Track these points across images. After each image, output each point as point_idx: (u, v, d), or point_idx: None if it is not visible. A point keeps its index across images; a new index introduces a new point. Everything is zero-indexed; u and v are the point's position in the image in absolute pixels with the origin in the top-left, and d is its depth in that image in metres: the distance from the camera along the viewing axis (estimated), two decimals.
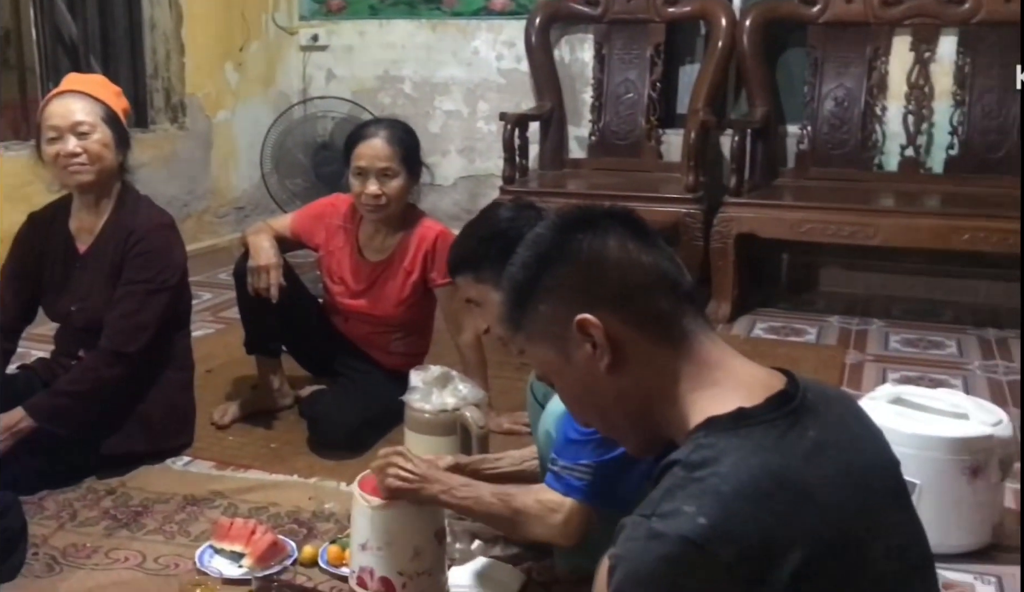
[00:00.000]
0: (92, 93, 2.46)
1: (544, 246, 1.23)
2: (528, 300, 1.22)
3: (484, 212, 2.06)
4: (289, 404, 2.95)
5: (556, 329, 1.19)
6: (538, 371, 1.29)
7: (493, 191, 4.35)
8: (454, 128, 4.86)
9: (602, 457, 1.65)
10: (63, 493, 2.36)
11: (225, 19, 4.70)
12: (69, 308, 2.53)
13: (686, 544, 0.97)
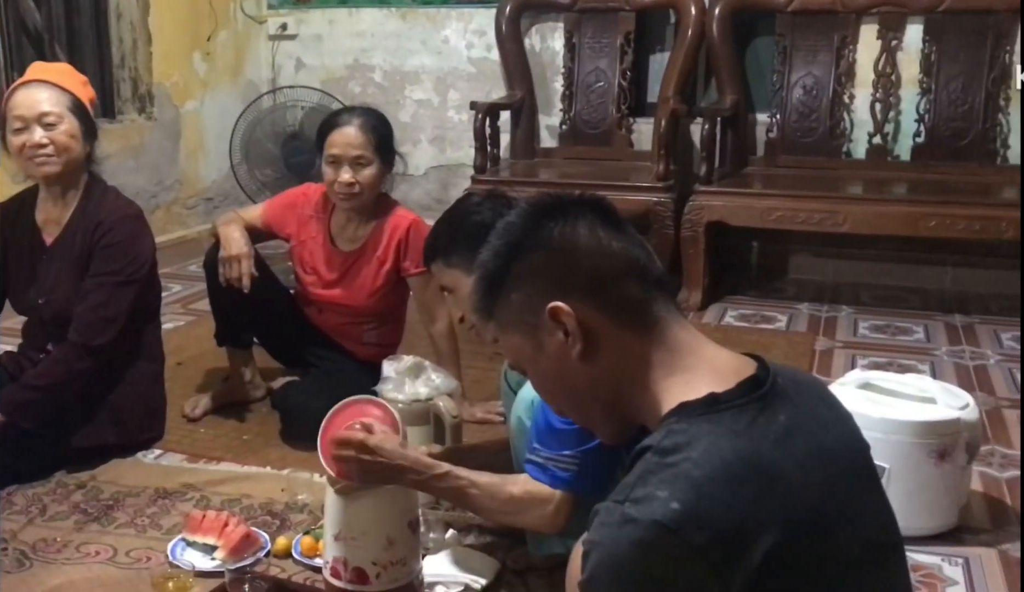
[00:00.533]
0: (58, 82, 2.43)
1: (515, 234, 1.23)
2: (499, 289, 1.22)
3: (456, 202, 2.10)
4: (261, 396, 2.93)
5: (528, 317, 1.20)
6: (511, 360, 1.29)
7: (464, 180, 4.34)
8: (425, 117, 4.85)
9: (586, 446, 1.65)
10: (32, 488, 2.34)
11: (192, 8, 4.66)
12: (36, 301, 2.50)
13: (659, 529, 0.97)
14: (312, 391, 2.70)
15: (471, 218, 1.96)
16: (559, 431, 1.68)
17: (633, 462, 1.08)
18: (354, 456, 1.71)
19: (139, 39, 4.43)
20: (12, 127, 2.37)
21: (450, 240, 1.98)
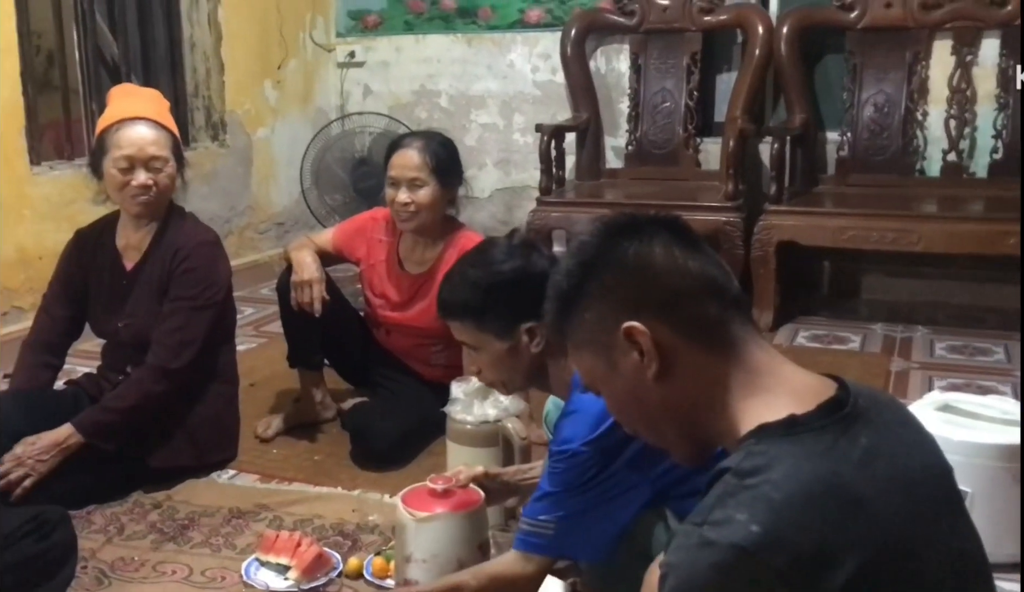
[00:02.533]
0: (160, 120, 2.50)
1: (589, 253, 1.22)
2: (573, 308, 1.22)
3: (480, 255, 1.88)
4: (331, 417, 2.96)
5: (602, 337, 1.19)
6: (584, 380, 1.28)
7: (529, 202, 4.35)
8: (490, 141, 4.88)
9: (563, 512, 1.63)
10: (110, 507, 2.39)
11: (263, 37, 4.76)
12: (117, 324, 2.56)
13: (738, 552, 0.96)
14: (381, 412, 2.73)
15: (504, 279, 1.78)
16: (542, 497, 1.65)
17: (711, 484, 1.07)
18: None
19: (212, 68, 4.53)
20: (117, 164, 2.43)
21: (482, 304, 1.77)
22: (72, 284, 2.63)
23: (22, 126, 3.51)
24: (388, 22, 5.00)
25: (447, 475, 1.92)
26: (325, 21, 5.11)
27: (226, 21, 4.50)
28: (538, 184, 4.14)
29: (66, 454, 2.33)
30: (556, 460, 1.64)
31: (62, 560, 2.02)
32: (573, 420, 1.63)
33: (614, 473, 1.60)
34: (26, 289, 3.51)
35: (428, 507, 1.84)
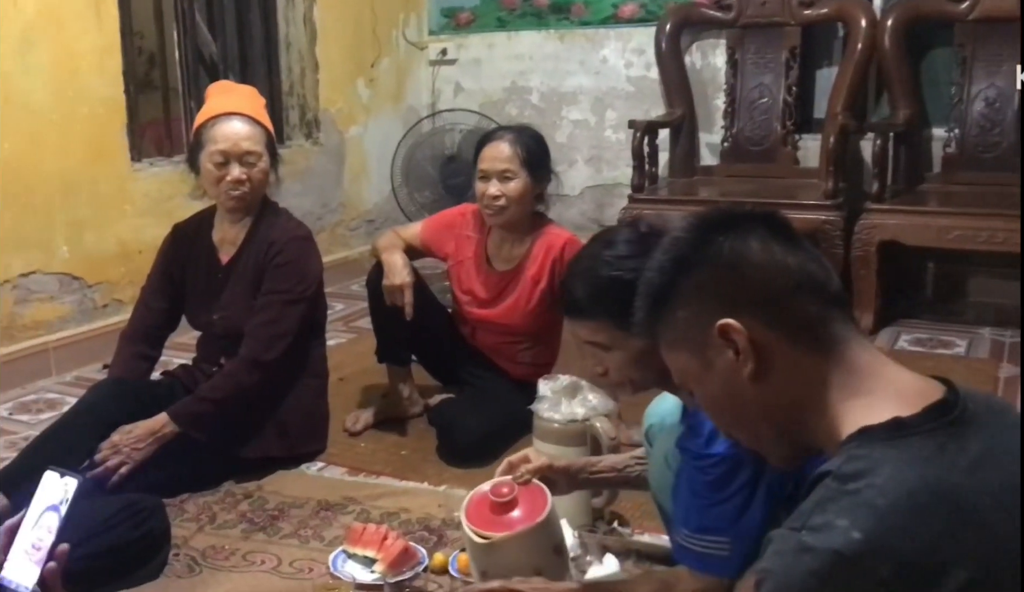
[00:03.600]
0: (254, 116, 2.54)
1: (682, 248, 1.19)
2: (665, 305, 1.19)
3: (608, 248, 1.68)
4: (418, 412, 2.97)
5: (695, 335, 1.15)
6: (676, 379, 1.24)
7: (621, 200, 4.30)
8: (581, 137, 4.83)
9: (738, 529, 1.51)
10: (203, 496, 2.43)
11: (357, 36, 4.81)
12: (211, 317, 2.61)
13: (839, 559, 0.92)
14: (468, 409, 2.72)
15: (622, 268, 1.63)
16: (706, 513, 1.55)
17: (810, 488, 1.02)
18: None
19: (307, 67, 4.60)
20: (213, 159, 2.48)
21: (621, 300, 1.60)
22: (169, 277, 2.68)
23: (124, 124, 3.61)
24: (481, 19, 5.01)
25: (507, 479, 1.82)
26: (418, 19, 5.14)
27: (321, 20, 4.56)
28: (630, 181, 4.08)
29: (161, 443, 2.37)
30: (703, 466, 1.54)
31: (156, 547, 2.07)
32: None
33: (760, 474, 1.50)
34: (126, 282, 3.61)
35: (493, 525, 1.75)
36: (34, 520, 1.22)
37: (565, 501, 2.12)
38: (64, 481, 1.23)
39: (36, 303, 3.37)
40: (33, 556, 1.20)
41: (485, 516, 1.77)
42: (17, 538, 1.22)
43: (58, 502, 1.22)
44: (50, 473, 1.25)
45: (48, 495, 1.23)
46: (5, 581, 1.20)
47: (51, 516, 1.22)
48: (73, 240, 3.47)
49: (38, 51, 3.26)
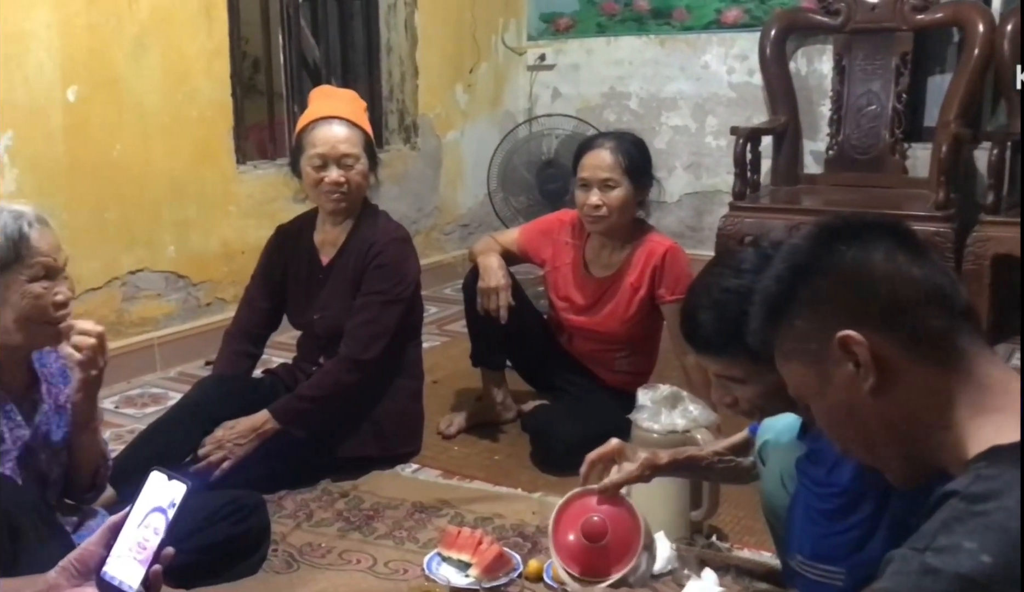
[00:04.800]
0: (353, 119, 2.57)
1: (801, 257, 1.15)
2: (782, 314, 1.15)
3: (736, 276, 1.58)
4: (512, 418, 2.96)
5: (814, 346, 1.11)
6: (792, 391, 1.19)
7: (720, 208, 4.23)
8: (680, 144, 4.77)
9: (855, 560, 1.43)
10: (300, 493, 2.46)
11: (457, 41, 4.83)
12: (312, 317, 2.65)
13: (966, 583, 0.88)
14: (562, 416, 2.69)
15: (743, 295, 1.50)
16: (823, 541, 1.48)
17: (933, 508, 0.98)
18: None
19: (407, 72, 4.64)
20: (312, 163, 2.52)
21: (732, 330, 1.50)
22: (272, 277, 2.73)
23: (230, 127, 3.69)
24: (580, 24, 4.98)
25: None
26: (517, 24, 5.15)
27: (422, 26, 4.59)
28: (731, 189, 4.00)
29: (262, 439, 2.41)
30: (823, 494, 1.47)
31: (256, 543, 2.10)
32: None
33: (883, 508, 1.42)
34: (229, 281, 3.69)
35: (582, 554, 1.71)
36: (139, 519, 1.22)
37: (662, 513, 2.08)
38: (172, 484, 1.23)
39: (143, 300, 3.47)
40: (138, 555, 1.20)
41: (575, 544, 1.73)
42: (121, 535, 1.22)
43: (166, 505, 1.21)
44: (156, 474, 1.24)
45: (154, 496, 1.22)
46: (108, 577, 1.20)
47: (157, 517, 1.21)
48: (179, 239, 3.56)
49: (151, 55, 3.36)
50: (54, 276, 1.70)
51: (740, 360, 1.54)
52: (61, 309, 1.71)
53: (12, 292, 1.66)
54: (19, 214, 1.67)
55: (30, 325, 1.68)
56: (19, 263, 1.65)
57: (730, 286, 1.57)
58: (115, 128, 3.28)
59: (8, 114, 2.97)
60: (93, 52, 3.18)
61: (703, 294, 1.62)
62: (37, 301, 1.67)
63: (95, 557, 1.22)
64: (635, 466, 1.79)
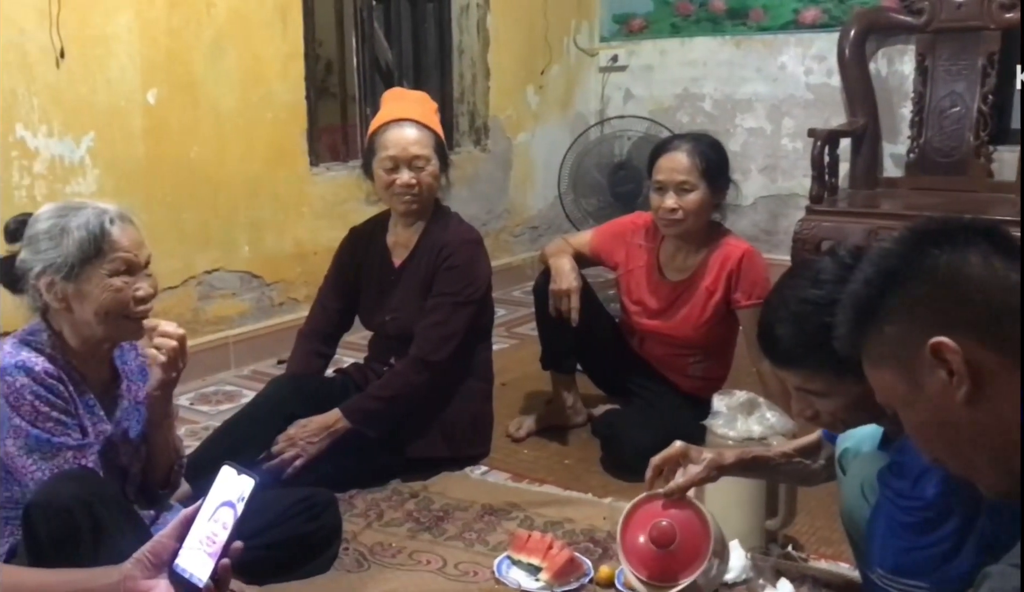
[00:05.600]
0: (424, 121, 2.58)
1: (892, 262, 1.11)
2: (872, 320, 1.12)
3: (817, 288, 1.52)
4: (582, 422, 2.93)
5: (904, 353, 1.08)
6: (880, 398, 1.15)
7: (796, 211, 4.15)
8: (756, 146, 4.69)
9: (939, 576, 1.38)
10: (371, 493, 2.47)
11: (529, 43, 4.83)
12: (383, 318, 2.66)
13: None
14: (634, 421, 2.66)
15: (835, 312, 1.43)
16: (905, 555, 1.42)
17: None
18: None
19: (478, 74, 4.65)
20: (383, 165, 2.54)
21: (812, 344, 1.47)
22: (345, 278, 2.75)
23: (304, 129, 3.73)
24: (654, 25, 4.94)
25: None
26: (590, 26, 5.12)
27: (494, 28, 4.60)
28: (807, 192, 3.92)
29: (334, 438, 2.43)
30: (907, 507, 1.43)
31: (328, 540, 2.11)
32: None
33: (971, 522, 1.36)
34: (301, 282, 3.74)
35: (652, 560, 1.70)
36: (210, 513, 1.23)
37: (737, 521, 2.04)
38: (241, 479, 1.23)
39: (218, 299, 3.53)
40: (207, 548, 1.21)
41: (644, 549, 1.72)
42: (193, 528, 1.23)
43: (235, 499, 1.22)
44: (227, 468, 1.25)
45: (224, 490, 1.24)
46: (179, 569, 1.22)
47: (227, 512, 1.22)
48: (254, 240, 3.61)
49: (227, 58, 3.41)
50: (135, 272, 1.73)
51: (821, 373, 1.51)
52: (141, 304, 1.74)
53: (93, 285, 1.70)
54: (102, 211, 1.72)
55: (110, 318, 1.72)
56: (100, 257, 1.69)
57: (808, 297, 1.52)
58: (192, 130, 3.34)
59: (90, 116, 3.04)
60: (172, 55, 3.24)
61: (780, 307, 1.57)
62: (117, 295, 1.71)
63: (168, 549, 1.24)
64: (701, 467, 1.77)
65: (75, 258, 1.68)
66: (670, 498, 1.73)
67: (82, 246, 1.68)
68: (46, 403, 1.68)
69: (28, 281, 1.72)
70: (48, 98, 2.92)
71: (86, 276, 1.69)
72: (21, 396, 1.66)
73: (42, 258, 1.70)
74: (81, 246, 1.68)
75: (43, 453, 1.67)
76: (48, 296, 1.71)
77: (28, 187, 2.90)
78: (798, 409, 1.62)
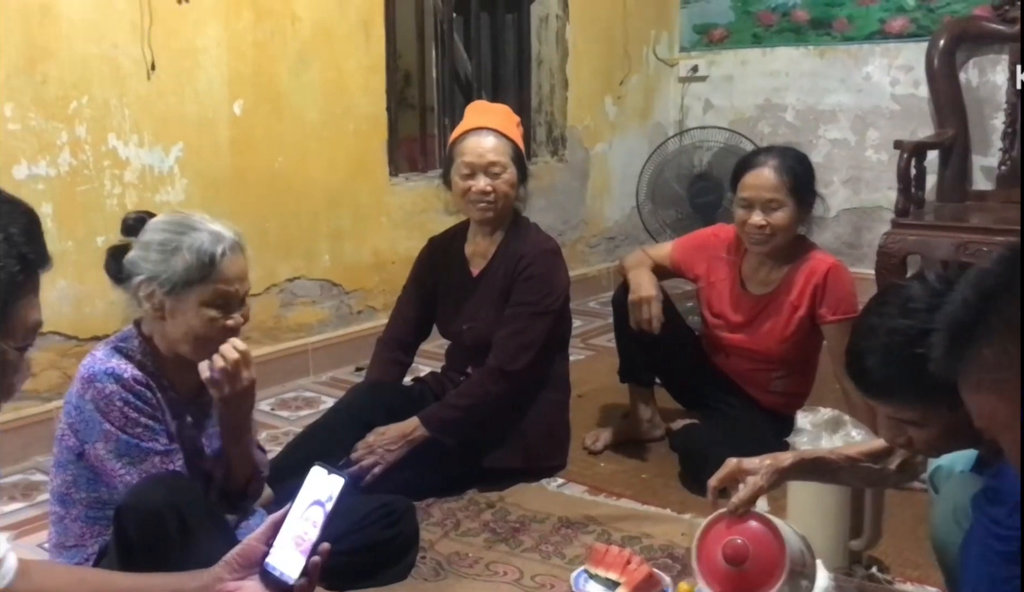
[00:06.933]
0: (503, 130, 2.58)
1: (991, 281, 1.07)
2: (969, 342, 1.07)
3: (911, 316, 1.46)
4: (659, 436, 2.90)
5: (1005, 376, 1.04)
6: (979, 423, 1.11)
7: (880, 224, 4.06)
8: (839, 158, 4.60)
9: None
10: (447, 502, 2.47)
11: (608, 53, 4.81)
12: (461, 327, 2.67)
13: None
14: (714, 437, 2.60)
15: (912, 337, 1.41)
16: (1000, 587, 1.32)
17: None
18: None
19: (556, 85, 4.65)
20: (460, 172, 2.55)
21: (905, 376, 1.43)
22: (423, 287, 2.76)
23: (384, 140, 3.78)
24: (735, 35, 4.89)
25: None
26: (669, 36, 5.09)
27: (573, 38, 4.59)
28: (893, 205, 3.82)
29: (411, 446, 2.44)
30: (1003, 535, 1.34)
31: (405, 548, 2.12)
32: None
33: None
34: (379, 291, 3.78)
35: (729, 583, 1.65)
36: (300, 512, 1.26)
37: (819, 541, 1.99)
38: (331, 479, 1.26)
39: (299, 307, 3.58)
40: (298, 546, 1.24)
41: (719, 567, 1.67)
42: (283, 528, 1.26)
43: (324, 499, 1.25)
44: (317, 469, 1.28)
45: (314, 490, 1.26)
46: (270, 567, 1.25)
47: (316, 511, 1.25)
48: (334, 249, 3.66)
49: (311, 70, 3.47)
50: (231, 307, 1.77)
51: (913, 404, 1.46)
52: (230, 333, 1.77)
53: (188, 308, 1.73)
54: (218, 238, 1.74)
55: (198, 342, 1.76)
56: (202, 284, 1.73)
57: (898, 327, 1.46)
58: (277, 141, 3.40)
59: (179, 126, 3.12)
60: (258, 68, 3.31)
61: (870, 336, 1.51)
62: (210, 324, 1.74)
63: (257, 552, 1.26)
64: (759, 476, 1.72)
65: (179, 278, 1.71)
66: (736, 514, 1.69)
67: (189, 270, 1.71)
68: (135, 409, 1.72)
69: (131, 281, 1.75)
70: (139, 109, 3.01)
71: (184, 297, 1.73)
72: (111, 402, 1.70)
73: (149, 267, 1.73)
74: (188, 269, 1.71)
75: (131, 457, 1.71)
76: (146, 303, 1.75)
77: (119, 196, 2.98)
78: (890, 436, 1.57)
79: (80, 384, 1.73)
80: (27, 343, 0.98)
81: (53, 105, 2.80)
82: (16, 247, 0.94)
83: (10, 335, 0.95)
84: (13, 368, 0.98)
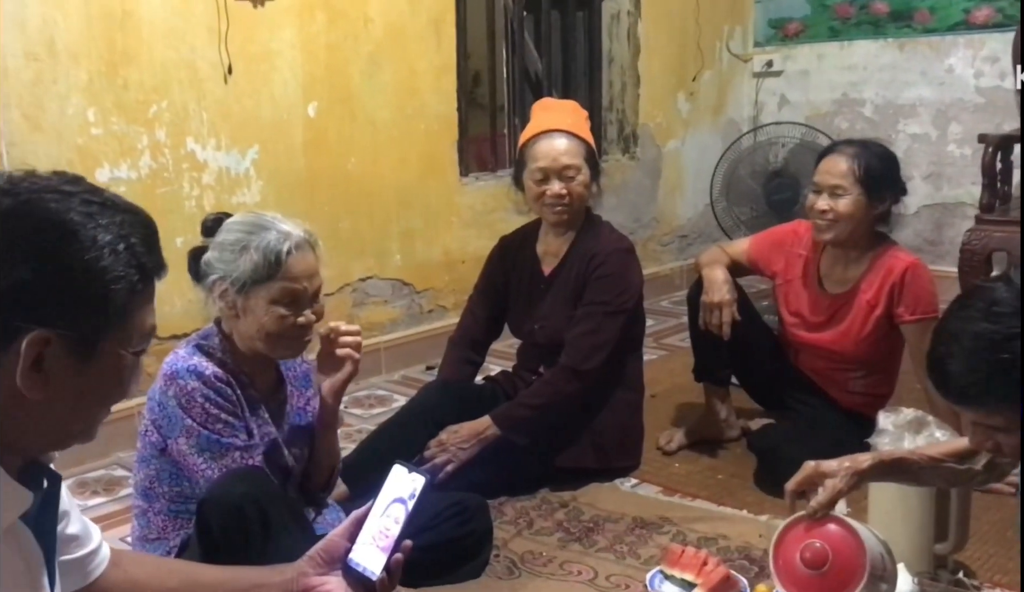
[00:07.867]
0: (575, 131, 2.56)
1: None
2: None
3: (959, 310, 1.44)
4: (735, 436, 2.85)
5: None
6: None
7: (963, 221, 3.95)
8: (919, 152, 4.48)
9: None
10: (520, 501, 2.47)
11: (680, 50, 4.76)
12: (533, 326, 2.66)
13: None
14: (791, 437, 2.56)
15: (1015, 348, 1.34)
16: None
17: None
18: None
19: (628, 82, 4.61)
20: (534, 176, 2.54)
21: (992, 382, 1.37)
22: (495, 287, 2.76)
23: (455, 140, 3.79)
24: (811, 29, 4.80)
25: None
26: (743, 31, 5.02)
27: (645, 35, 4.56)
28: (977, 201, 3.70)
29: (483, 444, 2.44)
30: None
31: (479, 546, 2.12)
32: None
33: None
34: (449, 290, 3.79)
35: (808, 587, 1.62)
36: (382, 509, 1.27)
37: (903, 544, 1.94)
38: (412, 477, 1.27)
39: (371, 305, 3.61)
40: (380, 543, 1.25)
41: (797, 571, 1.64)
42: (365, 525, 1.28)
43: (406, 496, 1.26)
44: (398, 467, 1.29)
45: (396, 487, 1.27)
46: (352, 563, 1.26)
47: (398, 508, 1.26)
48: (405, 249, 3.68)
49: (383, 71, 3.50)
50: (300, 304, 1.79)
51: (999, 410, 1.39)
52: (303, 331, 1.80)
53: (259, 305, 1.77)
54: (286, 236, 1.77)
55: (270, 338, 1.79)
56: (270, 281, 1.76)
57: (983, 332, 1.38)
58: (349, 142, 3.44)
59: (255, 129, 3.17)
60: (331, 69, 3.35)
61: (952, 341, 1.43)
62: (281, 320, 1.77)
63: (340, 548, 1.28)
64: (838, 479, 1.68)
65: (247, 277, 1.75)
66: (815, 518, 1.66)
67: (256, 268, 1.74)
68: (215, 406, 1.75)
69: (207, 280, 1.79)
70: (216, 113, 3.06)
71: (254, 295, 1.76)
72: (192, 399, 1.74)
73: (221, 266, 1.77)
74: (255, 268, 1.74)
75: (213, 453, 1.74)
76: (220, 301, 1.79)
77: (197, 197, 3.04)
78: (977, 441, 1.50)
79: (163, 381, 1.77)
80: (142, 348, 1.01)
81: (134, 109, 2.87)
82: (137, 257, 0.97)
83: (128, 341, 0.98)
84: (129, 372, 1.00)
